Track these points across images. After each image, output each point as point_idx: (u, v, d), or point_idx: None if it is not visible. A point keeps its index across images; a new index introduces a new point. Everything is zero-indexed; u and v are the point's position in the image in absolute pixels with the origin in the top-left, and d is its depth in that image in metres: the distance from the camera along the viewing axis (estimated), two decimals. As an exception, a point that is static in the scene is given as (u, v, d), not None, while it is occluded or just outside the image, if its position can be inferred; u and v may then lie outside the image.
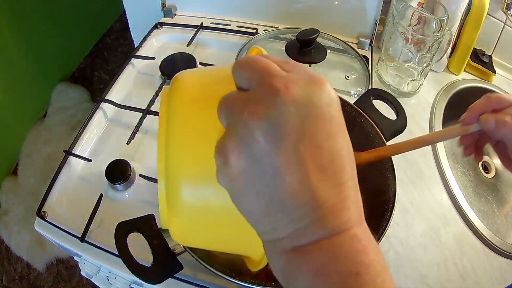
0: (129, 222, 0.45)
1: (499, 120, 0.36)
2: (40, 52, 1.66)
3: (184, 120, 0.26)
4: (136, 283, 0.57)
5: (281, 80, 0.21)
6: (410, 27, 0.70)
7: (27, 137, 1.65)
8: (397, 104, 0.57)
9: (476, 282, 0.57)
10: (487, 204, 0.76)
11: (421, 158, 0.70)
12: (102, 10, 2.05)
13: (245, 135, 0.20)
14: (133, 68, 0.80)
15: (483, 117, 0.37)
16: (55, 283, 1.36)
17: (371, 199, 0.55)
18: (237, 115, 0.21)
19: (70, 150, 0.65)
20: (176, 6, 0.94)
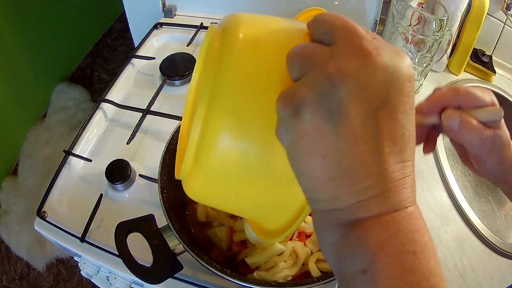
0: (129, 222, 0.45)
1: (465, 121, 0.30)
2: (40, 52, 1.66)
3: (241, 61, 0.23)
4: (136, 283, 0.57)
5: (370, 44, 0.20)
6: (410, 27, 0.70)
7: (27, 137, 1.65)
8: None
9: (476, 282, 0.57)
10: (487, 204, 0.76)
11: (421, 158, 0.70)
12: (102, 10, 2.05)
13: (327, 90, 0.19)
14: (133, 68, 0.80)
15: (446, 112, 0.31)
16: (55, 283, 1.36)
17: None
18: (319, 68, 0.20)
19: (70, 150, 0.65)
20: (176, 6, 0.94)
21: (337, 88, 0.19)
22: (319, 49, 0.21)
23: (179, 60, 0.80)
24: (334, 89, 0.19)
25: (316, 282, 0.43)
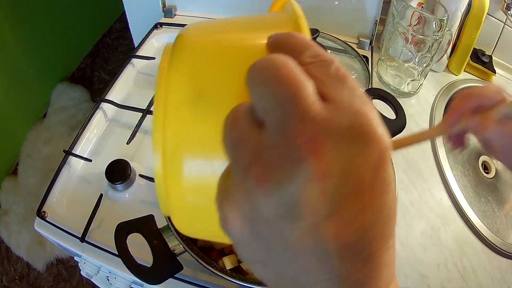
0: (129, 222, 0.45)
1: (481, 124, 0.36)
2: (40, 52, 1.66)
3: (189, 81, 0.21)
4: (136, 283, 0.57)
5: (310, 131, 0.14)
6: (410, 27, 0.70)
7: (27, 137, 1.65)
8: (396, 103, 0.57)
9: (476, 282, 0.57)
10: (487, 204, 0.76)
11: (421, 158, 0.70)
12: (102, 10, 2.05)
13: (247, 207, 0.15)
14: (133, 68, 0.80)
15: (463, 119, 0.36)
16: (55, 283, 1.36)
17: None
18: (241, 169, 0.15)
19: (70, 150, 0.65)
20: (176, 6, 0.94)
21: (257, 206, 0.15)
22: (246, 135, 0.16)
23: (179, 60, 0.80)
24: (255, 207, 0.15)
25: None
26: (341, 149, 0.14)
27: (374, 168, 0.15)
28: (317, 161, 0.14)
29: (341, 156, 0.14)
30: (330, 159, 0.14)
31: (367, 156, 0.14)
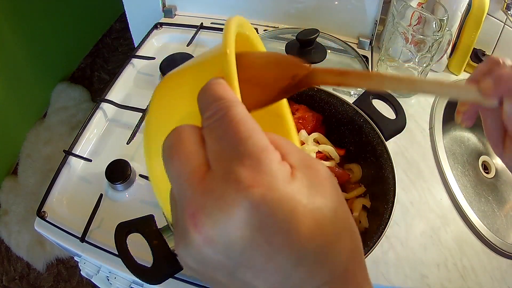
0: (129, 222, 0.45)
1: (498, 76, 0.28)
2: (40, 52, 1.66)
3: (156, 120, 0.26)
4: (136, 283, 0.57)
5: (191, 208, 0.16)
6: (410, 27, 0.70)
7: (27, 137, 1.65)
8: (396, 103, 0.57)
9: (476, 282, 0.57)
10: (487, 204, 0.76)
11: (421, 158, 0.70)
12: (102, 10, 2.05)
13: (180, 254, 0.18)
14: (133, 68, 0.80)
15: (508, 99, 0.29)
16: (55, 283, 1.36)
17: (371, 200, 0.55)
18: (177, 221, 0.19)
19: (70, 150, 0.65)
20: (176, 6, 0.94)
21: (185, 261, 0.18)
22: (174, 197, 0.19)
23: (179, 60, 0.80)
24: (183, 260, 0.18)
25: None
26: (215, 220, 0.16)
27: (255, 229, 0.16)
28: (197, 233, 0.16)
29: (217, 229, 0.16)
30: (209, 231, 0.16)
31: (240, 222, 0.16)
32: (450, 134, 0.84)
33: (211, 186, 0.16)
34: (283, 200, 0.16)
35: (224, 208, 0.15)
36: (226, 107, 0.18)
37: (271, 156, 0.17)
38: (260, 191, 0.15)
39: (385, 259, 0.57)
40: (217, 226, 0.16)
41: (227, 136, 0.17)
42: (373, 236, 0.46)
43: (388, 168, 0.51)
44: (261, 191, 0.15)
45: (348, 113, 0.57)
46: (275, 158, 0.17)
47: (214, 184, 0.16)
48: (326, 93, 0.58)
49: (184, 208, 0.17)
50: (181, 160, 0.18)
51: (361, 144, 0.56)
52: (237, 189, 0.15)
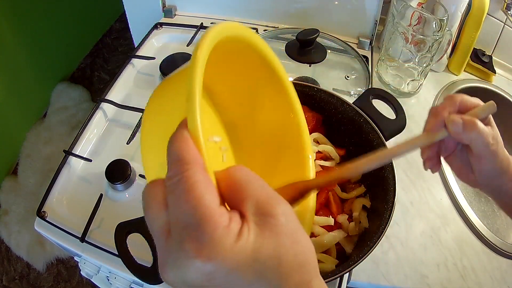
0: (129, 222, 0.45)
1: (467, 122, 0.34)
2: (40, 52, 1.66)
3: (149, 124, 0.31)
4: (136, 283, 0.57)
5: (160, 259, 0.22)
6: (410, 27, 0.70)
7: (27, 137, 1.65)
8: (396, 103, 0.57)
9: (476, 282, 0.57)
10: (487, 204, 0.76)
11: (421, 158, 0.70)
12: (102, 10, 2.05)
13: None
14: (133, 68, 0.80)
15: (449, 118, 0.35)
16: (55, 283, 1.36)
17: (371, 200, 0.55)
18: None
19: (70, 150, 0.65)
20: (176, 6, 0.94)
21: None
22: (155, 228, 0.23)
23: (179, 60, 0.80)
24: None
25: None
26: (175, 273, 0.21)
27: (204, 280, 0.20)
28: (165, 277, 0.21)
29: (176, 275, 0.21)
30: (171, 277, 0.21)
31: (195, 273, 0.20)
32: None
33: (170, 249, 0.21)
34: (222, 263, 0.20)
35: (179, 267, 0.21)
36: (181, 172, 0.21)
37: (214, 224, 0.20)
38: (202, 260, 0.20)
39: (385, 259, 0.57)
40: (178, 276, 0.21)
41: (179, 203, 0.21)
42: (373, 236, 0.46)
43: (388, 168, 0.51)
44: (203, 260, 0.20)
45: (348, 113, 0.57)
46: (220, 224, 0.20)
47: (172, 248, 0.21)
48: (326, 93, 0.58)
49: (158, 255, 0.22)
50: (151, 217, 0.23)
51: (361, 144, 0.56)
52: (186, 257, 0.20)
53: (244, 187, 0.23)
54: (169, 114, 0.29)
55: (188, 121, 0.23)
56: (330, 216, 0.52)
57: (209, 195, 0.21)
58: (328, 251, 0.51)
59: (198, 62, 0.24)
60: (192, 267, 0.20)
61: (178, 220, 0.21)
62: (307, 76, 0.77)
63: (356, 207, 0.54)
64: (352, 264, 0.44)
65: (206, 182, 0.21)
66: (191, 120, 0.23)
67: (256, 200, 0.22)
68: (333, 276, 0.43)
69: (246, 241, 0.21)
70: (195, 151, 0.22)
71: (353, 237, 0.52)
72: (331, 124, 0.60)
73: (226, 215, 0.21)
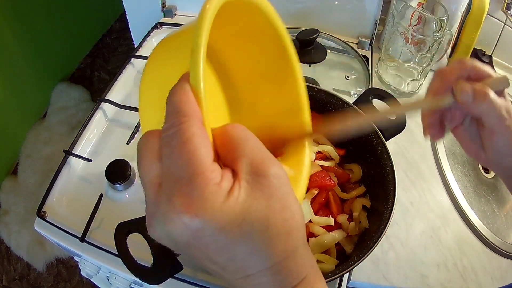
0: (129, 222, 0.45)
1: (479, 92, 0.30)
2: (40, 52, 1.66)
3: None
4: (136, 283, 0.57)
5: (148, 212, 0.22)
6: (410, 27, 0.70)
7: (27, 137, 1.65)
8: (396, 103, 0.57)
9: (476, 282, 0.57)
10: (487, 204, 0.76)
11: (421, 158, 0.70)
12: (102, 10, 2.05)
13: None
14: (133, 68, 0.80)
15: (457, 85, 0.31)
16: (55, 283, 1.36)
17: (371, 200, 0.55)
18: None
19: (70, 150, 0.65)
20: (176, 6, 0.94)
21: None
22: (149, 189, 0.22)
23: (179, 60, 0.80)
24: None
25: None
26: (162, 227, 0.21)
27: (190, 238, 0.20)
28: (151, 230, 0.21)
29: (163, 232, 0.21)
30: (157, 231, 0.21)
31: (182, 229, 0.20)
32: (450, 134, 0.84)
33: (160, 201, 0.21)
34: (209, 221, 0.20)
35: (166, 222, 0.20)
36: (178, 124, 0.21)
37: (206, 180, 0.20)
38: (190, 216, 0.19)
39: (385, 259, 0.57)
40: (164, 231, 0.21)
41: (173, 155, 0.20)
42: (373, 236, 0.46)
43: (388, 168, 0.51)
44: (191, 216, 0.19)
45: (348, 113, 0.57)
46: (211, 180, 0.20)
47: (161, 201, 0.21)
48: (326, 93, 0.58)
49: (146, 207, 0.22)
50: (143, 168, 0.22)
51: (361, 144, 0.56)
52: (174, 212, 0.20)
53: (240, 144, 0.22)
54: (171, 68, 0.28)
55: (191, 74, 0.22)
56: (330, 216, 0.52)
57: (204, 149, 0.20)
58: (328, 251, 0.51)
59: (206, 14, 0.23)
60: (179, 222, 0.20)
61: (170, 172, 0.20)
62: (307, 76, 0.77)
63: (356, 207, 0.54)
64: (352, 264, 0.44)
65: (202, 136, 0.21)
66: (193, 73, 0.22)
67: (250, 159, 0.22)
68: (333, 276, 0.43)
69: (236, 200, 0.20)
70: (195, 105, 0.22)
71: (353, 237, 0.52)
72: (331, 124, 0.60)
73: (218, 171, 0.21)
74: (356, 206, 0.54)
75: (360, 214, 0.53)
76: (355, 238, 0.52)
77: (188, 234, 0.20)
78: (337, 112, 0.58)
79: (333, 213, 0.53)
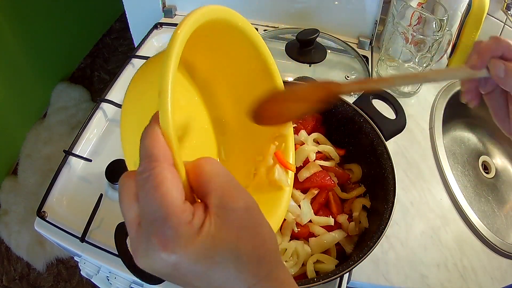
0: (129, 222, 0.45)
1: (510, 69, 0.34)
2: (40, 52, 1.66)
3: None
4: (136, 283, 0.57)
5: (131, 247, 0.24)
6: (410, 27, 0.70)
7: (27, 137, 1.65)
8: (396, 103, 0.57)
9: (476, 282, 0.57)
10: (487, 204, 0.76)
11: (421, 158, 0.70)
12: (102, 10, 2.05)
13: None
14: (133, 68, 0.80)
15: (492, 62, 0.35)
16: (55, 283, 1.36)
17: (371, 200, 0.55)
18: None
19: (70, 150, 0.65)
20: (176, 6, 0.94)
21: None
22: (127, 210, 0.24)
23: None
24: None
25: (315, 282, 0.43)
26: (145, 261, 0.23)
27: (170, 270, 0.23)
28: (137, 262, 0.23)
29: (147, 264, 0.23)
30: (142, 265, 0.23)
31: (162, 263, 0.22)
32: (450, 134, 0.84)
33: (140, 239, 0.23)
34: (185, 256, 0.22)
35: (149, 257, 0.23)
36: (149, 168, 0.23)
37: (178, 221, 0.22)
38: (167, 253, 0.22)
39: (385, 259, 0.57)
40: (148, 264, 0.23)
41: (147, 198, 0.22)
42: (373, 236, 0.46)
43: (388, 168, 0.51)
44: (168, 253, 0.22)
45: (348, 113, 0.57)
46: (183, 220, 0.22)
47: (142, 239, 0.23)
48: (326, 93, 0.58)
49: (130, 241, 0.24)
50: (124, 208, 0.24)
51: (361, 144, 0.56)
52: (154, 249, 0.22)
53: (210, 180, 0.24)
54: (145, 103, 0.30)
55: (160, 117, 0.24)
56: (330, 216, 0.52)
57: (174, 192, 0.22)
58: (328, 251, 0.51)
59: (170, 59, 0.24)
60: (158, 258, 0.22)
61: (147, 214, 0.22)
62: (307, 76, 0.77)
63: (356, 207, 0.54)
64: (352, 264, 0.44)
65: (172, 179, 0.23)
66: (162, 116, 0.23)
67: (220, 193, 0.24)
68: (333, 276, 0.43)
69: (207, 235, 0.22)
70: (165, 148, 0.23)
71: (353, 237, 0.52)
72: (331, 124, 0.60)
73: (189, 210, 0.23)
74: (356, 206, 0.54)
75: (360, 214, 0.53)
76: (355, 238, 0.52)
77: (168, 267, 0.22)
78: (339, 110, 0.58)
79: (333, 213, 0.53)
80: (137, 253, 0.23)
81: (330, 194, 0.54)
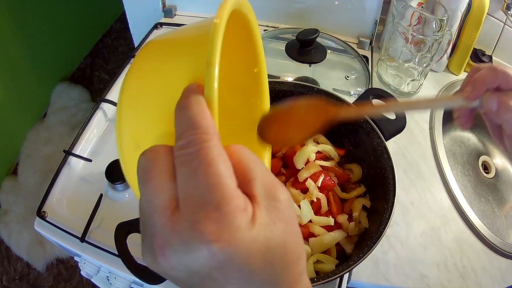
0: (129, 222, 0.45)
1: (503, 103, 0.33)
2: (40, 52, 1.66)
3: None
4: (136, 283, 0.57)
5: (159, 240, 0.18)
6: (410, 27, 0.70)
7: (27, 137, 1.65)
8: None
9: (476, 282, 0.57)
10: (487, 204, 0.76)
11: (421, 158, 0.70)
12: (102, 10, 2.05)
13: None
14: (133, 68, 0.80)
15: (485, 96, 0.34)
16: (55, 283, 1.36)
17: (371, 200, 0.55)
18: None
19: (70, 150, 0.65)
20: (176, 6, 0.94)
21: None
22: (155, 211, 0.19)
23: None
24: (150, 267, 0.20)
25: (315, 282, 0.43)
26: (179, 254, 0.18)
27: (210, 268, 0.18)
28: (164, 261, 0.18)
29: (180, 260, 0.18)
30: (172, 263, 0.18)
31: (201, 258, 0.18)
32: (450, 134, 0.84)
33: (179, 228, 0.18)
34: (240, 250, 0.18)
35: (188, 251, 0.18)
36: (200, 142, 0.19)
37: (234, 207, 0.18)
38: (221, 245, 0.17)
39: (385, 259, 0.57)
40: (182, 261, 0.18)
41: (196, 177, 0.18)
42: (373, 236, 0.46)
43: (388, 168, 0.51)
44: (222, 245, 0.17)
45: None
46: (239, 207, 0.18)
47: (182, 228, 0.18)
48: (326, 93, 0.58)
49: (153, 235, 0.19)
50: (154, 189, 0.19)
51: (361, 144, 0.56)
52: (201, 241, 0.17)
53: (252, 167, 0.20)
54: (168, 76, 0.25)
55: (206, 88, 0.20)
56: (330, 216, 0.52)
57: (229, 173, 0.19)
58: (328, 251, 0.51)
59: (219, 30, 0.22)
60: (205, 252, 0.17)
61: (191, 197, 0.18)
62: (307, 76, 0.77)
63: (356, 207, 0.54)
64: (352, 264, 0.44)
65: (225, 159, 0.19)
66: (209, 88, 0.20)
67: (263, 182, 0.20)
68: (333, 276, 0.43)
69: (259, 227, 0.19)
70: (213, 121, 0.20)
71: (353, 237, 0.52)
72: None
73: (243, 197, 0.19)
74: (356, 206, 0.54)
75: (360, 214, 0.53)
76: (355, 238, 0.52)
77: (211, 265, 0.18)
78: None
79: (333, 213, 0.53)
80: (169, 247, 0.18)
81: (330, 194, 0.54)
